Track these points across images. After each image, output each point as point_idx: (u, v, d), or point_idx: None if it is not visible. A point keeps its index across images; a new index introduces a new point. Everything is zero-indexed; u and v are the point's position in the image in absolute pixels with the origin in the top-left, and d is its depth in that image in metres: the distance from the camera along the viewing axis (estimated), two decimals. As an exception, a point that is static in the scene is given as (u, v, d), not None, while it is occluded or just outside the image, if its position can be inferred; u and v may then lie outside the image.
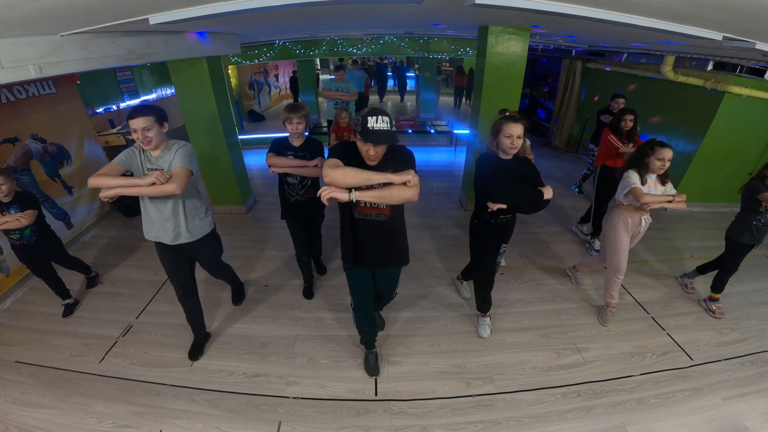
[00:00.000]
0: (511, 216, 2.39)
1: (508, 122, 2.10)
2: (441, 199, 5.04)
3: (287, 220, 2.82)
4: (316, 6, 1.90)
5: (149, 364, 2.56)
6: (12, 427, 2.13)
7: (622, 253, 2.66)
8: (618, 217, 2.62)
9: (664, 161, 2.34)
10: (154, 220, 2.12)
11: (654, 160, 2.36)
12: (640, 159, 2.42)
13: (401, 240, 2.05)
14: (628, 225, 2.60)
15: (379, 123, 1.57)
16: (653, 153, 2.35)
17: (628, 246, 2.67)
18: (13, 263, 3.25)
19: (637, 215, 2.56)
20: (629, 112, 3.38)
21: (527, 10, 1.72)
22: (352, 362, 2.56)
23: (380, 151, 1.67)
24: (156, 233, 2.16)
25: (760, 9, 1.28)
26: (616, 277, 2.74)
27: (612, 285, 2.78)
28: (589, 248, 3.86)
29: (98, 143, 4.53)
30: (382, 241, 1.95)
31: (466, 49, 7.21)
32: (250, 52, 6.57)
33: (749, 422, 2.12)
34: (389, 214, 1.87)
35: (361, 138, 1.61)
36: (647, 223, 2.62)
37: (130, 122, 1.88)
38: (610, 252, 2.72)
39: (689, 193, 4.55)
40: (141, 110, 1.89)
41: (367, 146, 1.62)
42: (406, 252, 2.10)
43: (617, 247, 2.66)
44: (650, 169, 2.39)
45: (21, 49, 1.71)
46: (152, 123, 1.91)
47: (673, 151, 2.35)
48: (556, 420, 2.17)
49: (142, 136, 1.90)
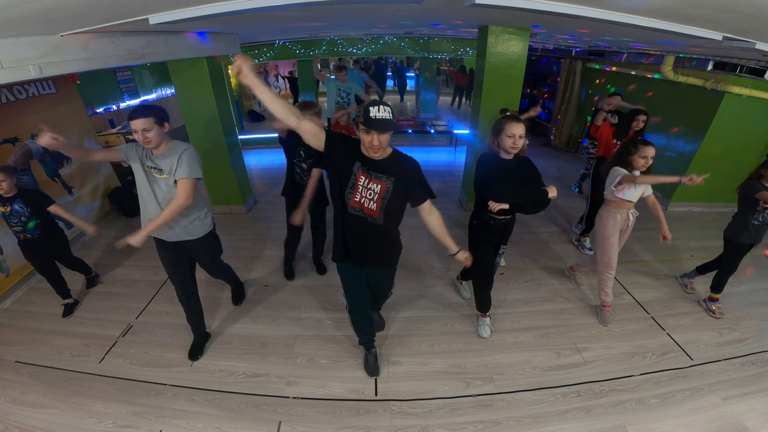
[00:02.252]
0: (510, 217, 2.39)
1: (510, 122, 2.10)
2: (441, 199, 5.04)
3: (287, 202, 3.00)
4: (315, 6, 1.90)
5: (149, 364, 2.56)
6: (12, 427, 2.13)
7: (612, 249, 2.71)
8: (607, 214, 2.69)
9: (647, 159, 2.41)
10: (154, 219, 2.12)
11: (637, 158, 2.43)
12: (624, 157, 2.50)
13: (393, 242, 2.00)
14: (616, 221, 2.65)
15: (381, 112, 1.57)
16: (637, 151, 2.43)
17: (618, 242, 2.72)
18: (14, 263, 3.26)
19: (624, 210, 2.62)
20: (642, 113, 3.36)
21: (527, 10, 1.72)
22: (352, 362, 2.56)
23: (384, 141, 1.65)
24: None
25: (760, 9, 1.28)
26: (607, 273, 2.78)
27: (604, 281, 2.82)
28: (579, 247, 3.86)
29: (98, 143, 4.52)
30: (372, 240, 1.91)
31: (466, 49, 7.21)
32: (250, 52, 6.57)
33: (749, 422, 2.12)
34: (375, 217, 1.81)
35: (365, 128, 1.60)
36: (634, 218, 2.67)
37: (130, 123, 1.90)
38: (600, 248, 2.78)
39: (689, 193, 4.62)
40: (141, 111, 1.89)
41: (372, 135, 1.61)
42: (396, 253, 2.07)
43: (607, 243, 2.72)
44: (634, 166, 2.47)
45: (21, 49, 1.71)
46: (152, 124, 1.91)
47: (655, 149, 2.44)
48: (556, 420, 2.17)
49: (142, 137, 1.91)
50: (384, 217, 1.81)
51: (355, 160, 1.74)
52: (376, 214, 1.80)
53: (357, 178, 1.75)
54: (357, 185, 1.76)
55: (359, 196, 1.77)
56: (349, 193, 1.78)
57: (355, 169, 1.74)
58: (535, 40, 5.23)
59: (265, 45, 6.59)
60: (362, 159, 1.74)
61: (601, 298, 2.90)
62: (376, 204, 1.78)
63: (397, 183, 1.76)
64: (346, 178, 1.76)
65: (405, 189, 1.81)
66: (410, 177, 1.81)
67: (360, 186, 1.75)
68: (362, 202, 1.78)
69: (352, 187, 1.77)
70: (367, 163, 1.73)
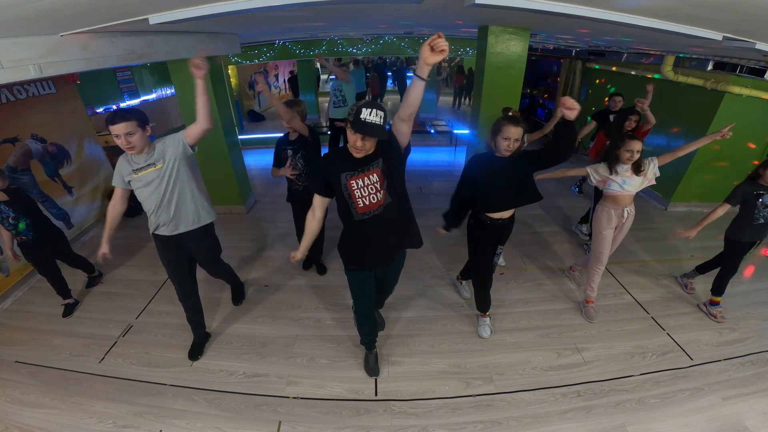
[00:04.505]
0: (508, 217, 2.39)
1: (508, 124, 2.09)
2: (441, 199, 5.03)
3: (293, 206, 3.19)
4: (315, 6, 1.90)
5: (149, 364, 2.56)
6: (12, 427, 2.13)
7: (604, 243, 2.74)
8: (602, 209, 2.72)
9: (632, 152, 2.47)
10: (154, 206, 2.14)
11: (623, 152, 2.50)
12: (612, 150, 2.57)
13: (410, 224, 1.99)
14: (611, 216, 2.68)
15: (372, 116, 1.54)
16: (623, 145, 2.50)
17: (611, 238, 2.74)
18: (14, 263, 3.25)
19: (620, 207, 2.65)
20: (635, 113, 3.39)
21: (527, 10, 1.72)
22: (352, 362, 2.56)
23: (368, 145, 1.64)
24: (152, 217, 2.16)
25: (760, 9, 1.28)
26: (596, 267, 2.83)
27: (593, 275, 2.86)
28: (587, 249, 3.86)
29: (98, 143, 4.53)
30: (389, 235, 1.91)
31: (466, 49, 7.21)
32: (250, 52, 6.57)
33: (749, 422, 2.12)
34: (384, 203, 1.81)
35: (351, 127, 1.60)
36: (630, 215, 2.68)
37: (111, 128, 1.85)
38: (594, 243, 2.82)
39: (689, 192, 4.62)
40: (121, 115, 1.86)
41: (356, 137, 1.61)
42: (417, 234, 2.05)
43: (599, 238, 2.75)
44: (620, 159, 2.53)
45: (21, 49, 1.71)
46: (135, 127, 1.89)
47: (642, 145, 2.49)
48: (556, 420, 2.17)
49: (125, 141, 1.88)
50: (391, 194, 1.81)
51: (339, 174, 1.75)
52: (383, 201, 1.80)
53: (349, 187, 1.76)
54: (353, 193, 1.77)
55: (361, 201, 1.78)
56: (352, 204, 1.79)
57: (344, 181, 1.75)
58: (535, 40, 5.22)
59: (265, 45, 6.58)
60: (345, 166, 1.74)
61: (586, 293, 2.94)
62: (381, 193, 1.78)
63: (385, 158, 1.75)
64: (341, 193, 1.79)
65: (392, 152, 1.76)
66: (389, 141, 1.73)
67: (356, 190, 1.76)
68: (367, 203, 1.79)
69: (350, 197, 1.78)
70: (352, 166, 1.73)
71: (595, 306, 2.96)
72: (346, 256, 2.03)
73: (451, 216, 2.48)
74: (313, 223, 1.98)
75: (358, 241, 1.92)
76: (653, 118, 3.34)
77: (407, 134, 1.73)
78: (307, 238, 2.02)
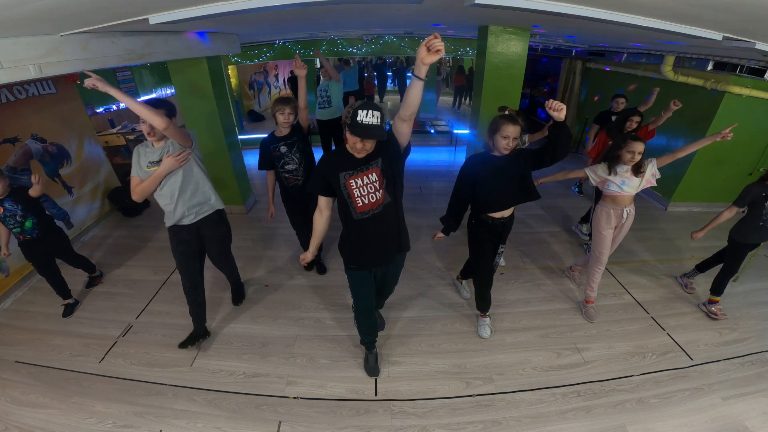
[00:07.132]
0: (508, 216, 2.39)
1: (506, 123, 2.09)
2: (441, 199, 5.03)
3: (286, 208, 3.16)
4: (315, 6, 1.90)
5: (149, 364, 2.56)
6: (12, 427, 2.13)
7: (604, 243, 2.74)
8: (601, 209, 2.73)
9: (633, 154, 2.46)
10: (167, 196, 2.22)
11: (625, 153, 2.49)
12: (614, 151, 2.56)
13: (402, 226, 2.02)
14: (610, 216, 2.68)
15: (368, 117, 1.55)
16: (625, 146, 2.49)
17: (611, 238, 2.74)
18: (14, 263, 3.26)
19: (619, 207, 2.65)
20: (636, 114, 3.39)
21: (527, 10, 1.72)
22: (352, 362, 2.56)
23: (369, 146, 1.65)
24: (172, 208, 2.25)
25: (760, 9, 1.27)
26: (596, 268, 2.83)
27: (593, 275, 2.86)
28: (587, 249, 3.86)
29: (98, 143, 4.53)
30: (388, 233, 1.92)
31: (466, 49, 7.20)
32: (250, 52, 6.57)
33: (749, 422, 2.12)
34: (384, 202, 1.82)
35: (350, 131, 1.60)
36: (629, 215, 2.69)
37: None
38: (594, 243, 2.82)
39: (689, 193, 4.62)
40: (153, 104, 2.04)
41: (354, 139, 1.61)
42: (407, 237, 2.08)
43: (599, 238, 2.75)
44: (621, 160, 2.53)
45: (21, 49, 1.71)
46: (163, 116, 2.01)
47: (644, 146, 2.49)
48: (556, 420, 2.17)
49: (149, 128, 2.06)
50: (390, 193, 1.82)
51: (338, 173, 1.75)
52: (382, 200, 1.81)
53: (348, 186, 1.76)
54: (352, 192, 1.77)
55: (360, 200, 1.78)
56: (351, 204, 1.79)
57: (343, 180, 1.75)
58: (535, 40, 5.23)
59: (265, 45, 6.58)
60: (343, 165, 1.74)
61: (586, 293, 2.95)
62: (380, 192, 1.78)
63: (384, 157, 1.75)
64: (340, 192, 1.79)
65: (391, 151, 1.76)
66: (388, 141, 1.72)
67: (354, 189, 1.76)
68: (366, 202, 1.79)
69: (349, 197, 1.78)
70: (351, 165, 1.73)
71: (595, 306, 2.96)
72: (346, 256, 2.03)
73: (449, 221, 2.46)
74: (321, 222, 1.97)
75: (358, 240, 1.93)
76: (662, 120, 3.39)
77: (407, 134, 1.73)
78: (316, 238, 2.02)
